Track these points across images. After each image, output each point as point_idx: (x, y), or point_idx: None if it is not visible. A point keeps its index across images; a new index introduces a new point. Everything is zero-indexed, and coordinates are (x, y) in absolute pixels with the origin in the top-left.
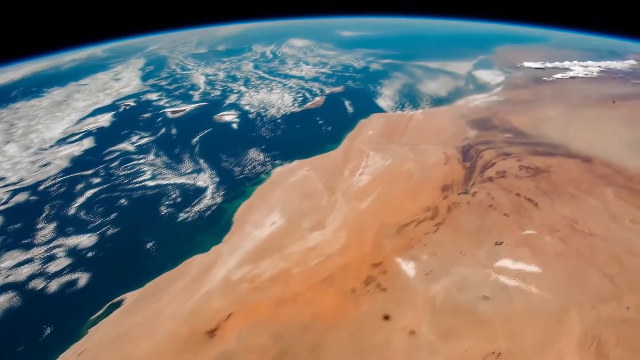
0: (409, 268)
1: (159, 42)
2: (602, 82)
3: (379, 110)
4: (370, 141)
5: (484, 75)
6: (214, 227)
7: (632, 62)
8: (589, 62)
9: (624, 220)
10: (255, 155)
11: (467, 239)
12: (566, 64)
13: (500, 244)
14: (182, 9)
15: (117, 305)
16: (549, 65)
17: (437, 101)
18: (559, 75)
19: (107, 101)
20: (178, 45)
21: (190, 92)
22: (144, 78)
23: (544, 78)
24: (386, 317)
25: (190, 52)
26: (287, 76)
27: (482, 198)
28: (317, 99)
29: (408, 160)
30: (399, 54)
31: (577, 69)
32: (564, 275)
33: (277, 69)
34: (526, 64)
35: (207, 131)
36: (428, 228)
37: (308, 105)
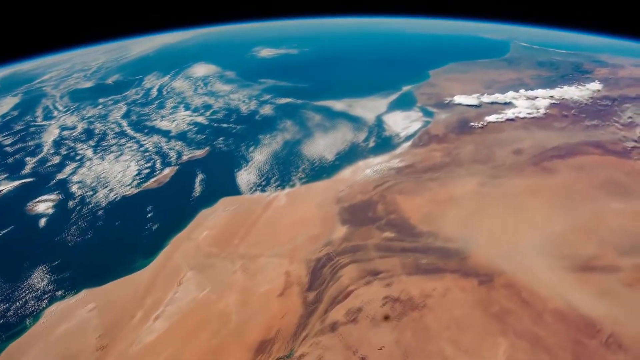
0: None
1: (58, 68)
2: (546, 127)
3: (234, 191)
4: (197, 251)
5: (396, 121)
6: None
7: (595, 86)
8: (539, 92)
9: None
10: (38, 280)
11: None
12: (509, 95)
13: None
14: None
15: None
16: (486, 99)
17: (317, 171)
18: (492, 118)
19: None
20: (73, 73)
21: (27, 158)
22: None
23: (472, 123)
24: None
25: (74, 86)
26: (151, 131)
27: None
28: (166, 171)
29: (232, 289)
30: (307, 86)
31: (521, 104)
32: None
33: (147, 118)
34: (458, 98)
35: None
36: None
37: (150, 182)
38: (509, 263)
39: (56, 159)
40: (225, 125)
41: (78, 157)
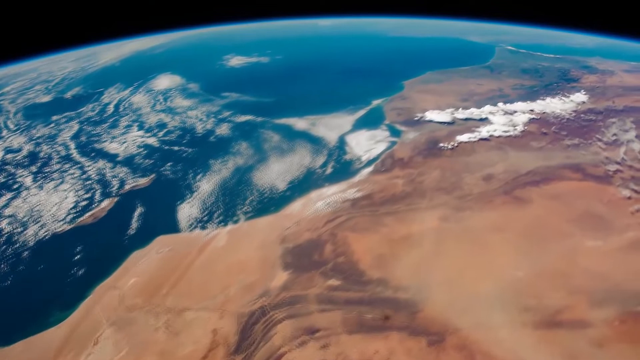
0: None
1: (23, 78)
2: (523, 147)
3: (173, 228)
4: (120, 302)
5: (359, 142)
6: None
7: (580, 97)
8: (519, 105)
9: None
10: None
11: None
12: (486, 110)
13: None
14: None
15: None
16: (460, 115)
17: (266, 204)
18: (464, 137)
19: None
20: (36, 84)
21: None
22: None
23: (442, 144)
24: None
25: (32, 100)
26: (98, 154)
27: None
28: (105, 203)
29: (151, 351)
30: (272, 101)
31: (497, 120)
32: None
33: (97, 139)
34: (430, 114)
35: None
36: None
37: (86, 217)
38: (465, 318)
39: None
40: (176, 148)
41: (15, 186)
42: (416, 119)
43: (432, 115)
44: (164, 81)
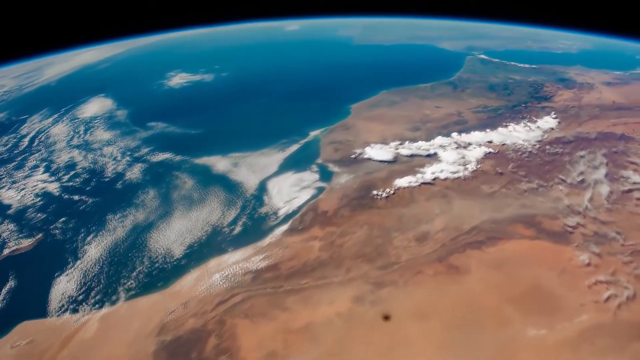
0: None
1: None
2: (471, 193)
3: (41, 310)
4: None
5: (281, 189)
6: None
7: (549, 122)
8: (475, 135)
9: None
10: None
11: None
12: (436, 143)
13: None
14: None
15: None
16: (404, 151)
17: (154, 277)
18: (404, 182)
19: None
20: None
21: None
22: None
23: (375, 192)
24: None
25: None
26: None
27: None
28: None
29: None
30: (199, 133)
31: (447, 156)
32: None
33: None
34: (370, 150)
35: None
36: None
37: None
38: None
39: None
40: (77, 197)
41: None
42: (354, 156)
43: (373, 151)
44: (93, 107)
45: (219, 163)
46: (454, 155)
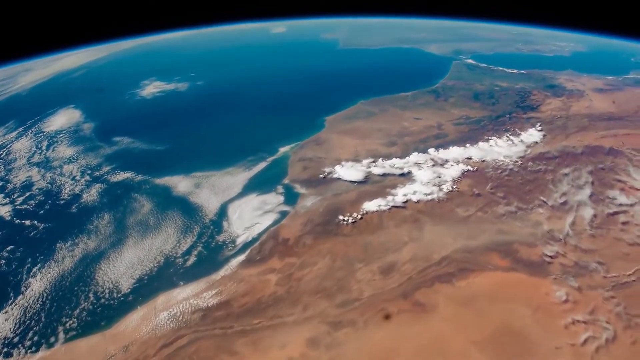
0: None
1: None
2: (445, 218)
3: None
4: None
5: (243, 213)
6: None
7: (534, 135)
8: (454, 151)
9: None
10: None
11: None
12: (411, 160)
13: None
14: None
15: None
16: (376, 170)
17: (97, 315)
18: (373, 205)
19: None
20: None
21: None
22: None
23: (342, 217)
24: None
25: None
26: None
27: None
28: None
29: None
30: (164, 149)
31: (422, 176)
32: None
33: None
34: (340, 169)
35: None
36: None
37: None
38: None
39: None
40: (28, 222)
41: None
42: (323, 175)
43: (343, 170)
44: (60, 119)
45: (181, 183)
46: (429, 174)
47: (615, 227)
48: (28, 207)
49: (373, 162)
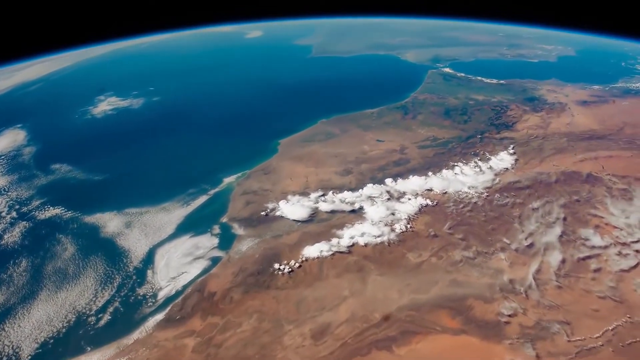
0: None
1: None
2: (393, 266)
3: None
4: None
5: (170, 259)
6: None
7: (504, 161)
8: (413, 182)
9: None
10: None
11: None
12: (365, 193)
13: None
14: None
15: None
16: (324, 206)
17: None
18: (314, 251)
19: None
20: None
21: None
22: None
23: (277, 265)
24: None
25: None
26: None
27: None
28: None
29: None
30: (102, 179)
31: (374, 212)
32: None
33: None
34: (285, 205)
35: None
36: None
37: None
38: None
39: None
40: None
41: None
42: (265, 212)
43: (287, 207)
44: (3, 141)
45: (112, 222)
46: (381, 211)
47: (586, 276)
48: None
49: (322, 195)
